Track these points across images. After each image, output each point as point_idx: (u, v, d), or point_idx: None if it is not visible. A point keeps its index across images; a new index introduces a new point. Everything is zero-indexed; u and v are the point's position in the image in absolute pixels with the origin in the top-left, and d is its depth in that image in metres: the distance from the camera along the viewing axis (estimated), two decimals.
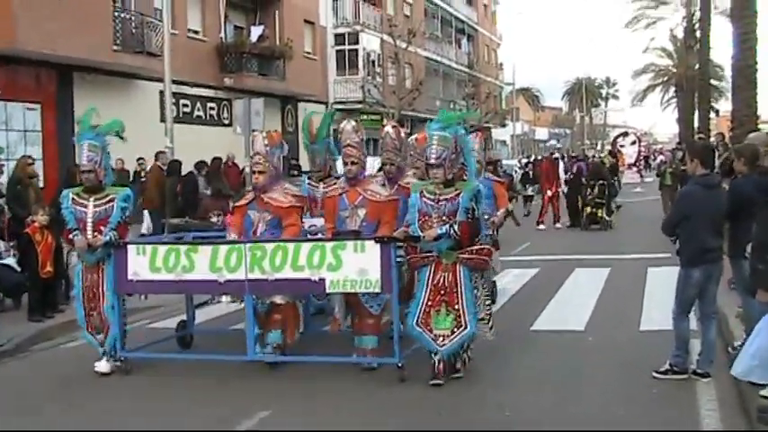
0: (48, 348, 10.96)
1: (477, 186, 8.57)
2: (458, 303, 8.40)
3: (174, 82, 28.12)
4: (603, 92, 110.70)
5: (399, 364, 8.55)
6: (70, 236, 9.45)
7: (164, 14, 23.01)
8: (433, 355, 8.47)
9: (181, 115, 30.84)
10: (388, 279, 8.45)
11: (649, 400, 7.84)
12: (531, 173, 34.56)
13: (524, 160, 45.59)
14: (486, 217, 11.95)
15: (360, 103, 42.82)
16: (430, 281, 8.49)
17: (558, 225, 25.27)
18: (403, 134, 10.26)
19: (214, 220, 13.89)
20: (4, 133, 22.45)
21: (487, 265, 8.73)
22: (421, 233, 8.40)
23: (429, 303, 8.48)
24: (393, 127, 10.19)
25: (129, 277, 9.20)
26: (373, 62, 46.68)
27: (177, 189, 17.77)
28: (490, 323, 8.77)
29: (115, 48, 25.54)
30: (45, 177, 20.87)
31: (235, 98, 23.72)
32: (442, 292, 8.43)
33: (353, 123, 9.50)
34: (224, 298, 10.47)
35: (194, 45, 31.70)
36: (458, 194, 8.40)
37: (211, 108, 33.21)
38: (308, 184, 10.58)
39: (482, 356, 9.00)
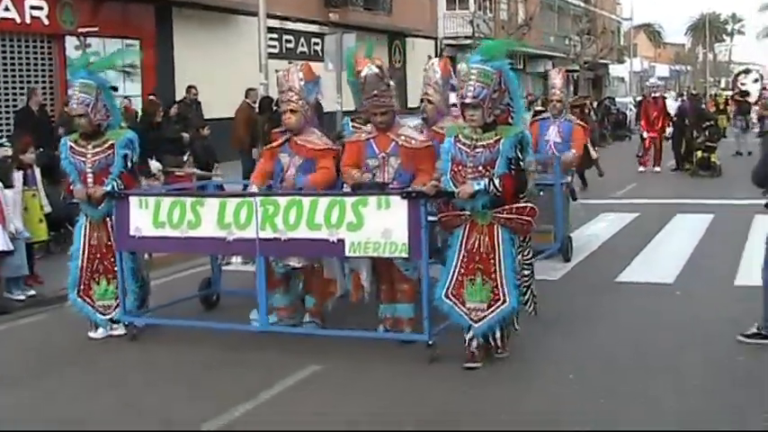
0: None
1: (522, 132, 7.18)
2: (495, 272, 7.05)
3: (276, 17, 28.11)
4: (729, 28, 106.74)
5: (430, 342, 7.31)
6: (71, 187, 8.53)
7: None
8: (465, 333, 7.24)
9: (284, 51, 30.68)
10: (417, 242, 7.15)
11: (731, 369, 7.11)
12: None
13: (639, 98, 43.99)
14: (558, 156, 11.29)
15: (469, 38, 41.88)
16: (463, 245, 7.15)
17: (656, 168, 23.75)
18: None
19: None
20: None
21: (530, 227, 7.18)
22: (454, 187, 7.09)
23: (462, 271, 7.14)
24: (442, 59, 9.01)
25: (131, 233, 8.19)
26: None
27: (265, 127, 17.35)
28: (527, 297, 7.42)
29: None
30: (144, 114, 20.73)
31: (339, 33, 23.16)
32: (477, 258, 7.08)
33: (376, 69, 7.82)
34: (234, 259, 8.80)
35: None
36: (498, 141, 7.02)
37: (315, 44, 32.76)
38: (352, 126, 9.03)
39: (549, 307, 8.28)
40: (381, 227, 7.28)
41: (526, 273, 7.38)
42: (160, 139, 14.69)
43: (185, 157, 14.60)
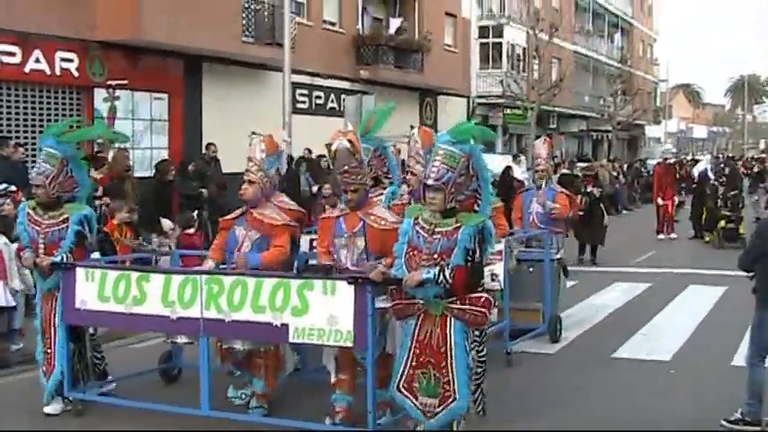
0: None
1: (483, 222, 6.65)
2: (446, 366, 6.60)
3: (306, 73, 28.43)
4: None
5: None
6: (21, 253, 8.35)
7: (284, 2, 22.88)
8: (416, 427, 6.81)
9: (313, 107, 30.85)
10: (363, 331, 6.75)
11: None
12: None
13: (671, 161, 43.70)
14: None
15: (500, 97, 42.01)
16: (415, 335, 6.72)
17: (671, 235, 23.39)
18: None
19: None
20: (129, 122, 22.64)
21: (485, 319, 6.76)
22: (407, 272, 6.66)
23: (413, 364, 6.72)
24: (423, 129, 8.80)
25: (77, 305, 7.91)
26: (518, 56, 45.78)
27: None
28: (477, 397, 7.07)
29: (245, 39, 25.55)
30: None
31: (360, 94, 23.42)
32: (428, 350, 6.66)
33: (347, 144, 7.38)
34: (179, 338, 8.19)
35: (329, 36, 31.55)
36: (457, 229, 6.57)
37: (345, 100, 33.00)
38: None
39: (537, 383, 8.28)
40: (326, 313, 6.92)
41: (479, 370, 7.01)
42: (172, 197, 14.88)
43: (195, 214, 14.66)
